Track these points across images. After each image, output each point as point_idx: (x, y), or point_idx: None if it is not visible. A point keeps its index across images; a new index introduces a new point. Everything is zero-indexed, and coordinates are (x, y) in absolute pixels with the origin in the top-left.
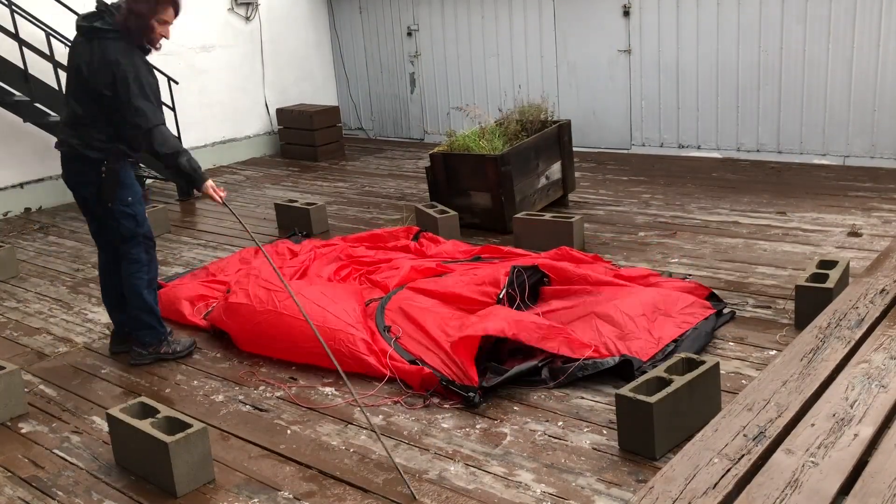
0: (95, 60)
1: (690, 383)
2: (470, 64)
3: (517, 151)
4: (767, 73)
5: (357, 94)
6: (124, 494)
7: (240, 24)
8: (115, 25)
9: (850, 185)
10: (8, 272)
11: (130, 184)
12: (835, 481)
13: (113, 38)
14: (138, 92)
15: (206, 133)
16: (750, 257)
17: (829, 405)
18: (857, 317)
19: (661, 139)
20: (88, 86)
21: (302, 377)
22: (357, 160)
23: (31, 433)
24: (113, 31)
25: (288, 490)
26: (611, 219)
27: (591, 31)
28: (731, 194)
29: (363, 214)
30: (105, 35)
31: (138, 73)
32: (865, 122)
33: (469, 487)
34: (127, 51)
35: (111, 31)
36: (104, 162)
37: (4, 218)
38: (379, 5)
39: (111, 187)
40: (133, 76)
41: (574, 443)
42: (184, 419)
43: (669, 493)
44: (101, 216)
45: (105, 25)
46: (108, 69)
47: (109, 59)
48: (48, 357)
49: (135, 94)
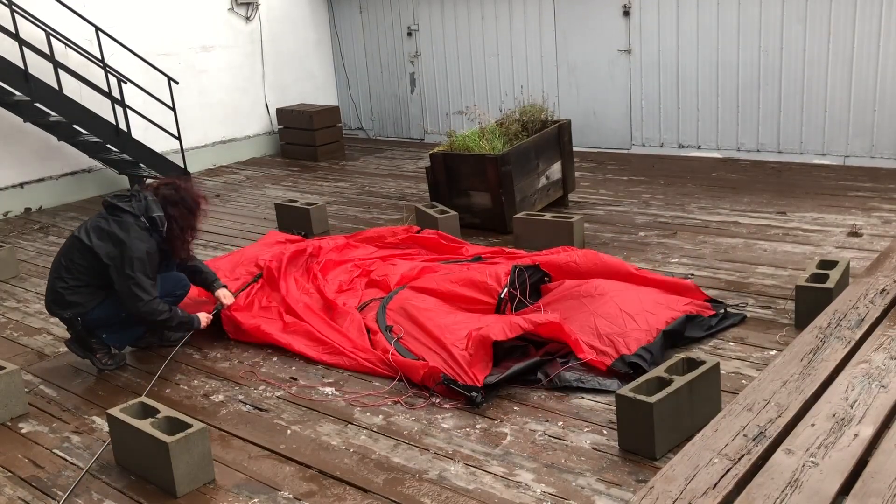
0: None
1: (690, 383)
2: (470, 64)
3: (517, 151)
4: (767, 73)
5: (357, 94)
6: (124, 494)
7: (240, 24)
8: (136, 210)
9: (850, 185)
10: (8, 272)
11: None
12: (835, 481)
13: (131, 219)
14: (140, 269)
15: (206, 133)
16: (750, 257)
17: (829, 405)
18: (857, 317)
19: (661, 139)
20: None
21: (302, 377)
22: (357, 160)
23: (31, 433)
24: (133, 215)
25: (288, 490)
26: (611, 219)
27: (591, 31)
28: (731, 194)
29: (363, 214)
30: (123, 214)
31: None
32: (865, 122)
33: (469, 487)
34: (144, 237)
35: (133, 213)
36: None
37: (4, 218)
38: (379, 5)
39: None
40: (138, 257)
41: (574, 443)
42: (184, 419)
43: (669, 493)
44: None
45: (128, 207)
46: (118, 245)
47: (119, 236)
48: (48, 357)
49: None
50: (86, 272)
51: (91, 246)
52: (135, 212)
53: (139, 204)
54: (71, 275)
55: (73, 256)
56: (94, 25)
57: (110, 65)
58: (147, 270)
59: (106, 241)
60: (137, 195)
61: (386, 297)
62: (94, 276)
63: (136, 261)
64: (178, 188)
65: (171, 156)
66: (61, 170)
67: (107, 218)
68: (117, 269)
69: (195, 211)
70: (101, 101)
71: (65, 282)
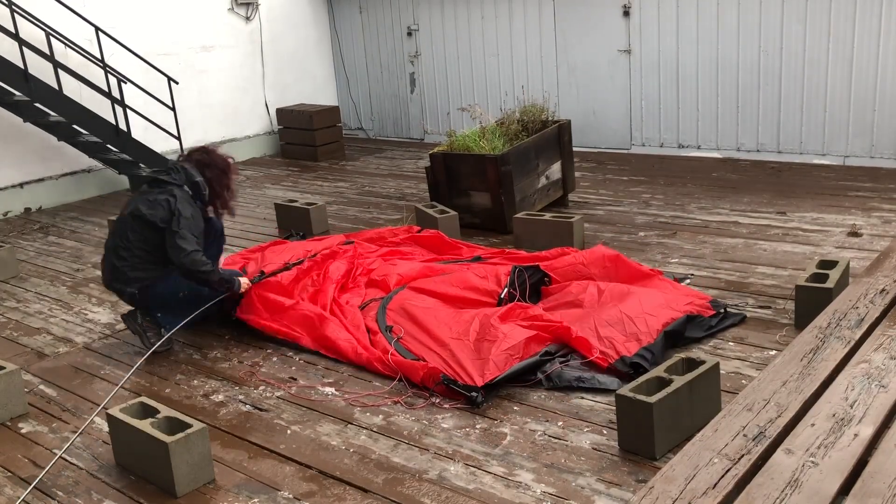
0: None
1: (690, 383)
2: (470, 64)
3: (517, 151)
4: (767, 73)
5: (357, 94)
6: (124, 494)
7: (240, 24)
8: (178, 180)
9: (850, 185)
10: (8, 272)
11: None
12: (835, 481)
13: (177, 189)
14: (185, 226)
15: (206, 133)
16: (750, 257)
17: (829, 405)
18: (857, 317)
19: (661, 139)
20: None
21: (302, 377)
22: (357, 160)
23: (31, 433)
24: (176, 185)
25: (288, 490)
26: (611, 219)
27: (591, 31)
28: (731, 194)
29: (363, 214)
30: (167, 186)
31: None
32: (865, 122)
33: (469, 487)
34: (191, 201)
35: (176, 184)
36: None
37: (4, 218)
38: (379, 5)
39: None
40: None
41: (574, 443)
42: (184, 419)
43: (669, 493)
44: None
45: (171, 179)
46: (168, 209)
47: (169, 201)
48: (48, 357)
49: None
50: (142, 246)
51: (144, 215)
52: (178, 182)
53: (179, 175)
54: (129, 252)
55: (127, 234)
56: (94, 25)
57: (110, 65)
58: (194, 230)
59: (157, 208)
60: (175, 167)
61: (386, 298)
62: (151, 250)
63: (182, 219)
64: (208, 151)
65: (171, 156)
66: (61, 170)
67: (153, 191)
68: (168, 229)
69: (227, 170)
70: (101, 101)
71: (125, 259)
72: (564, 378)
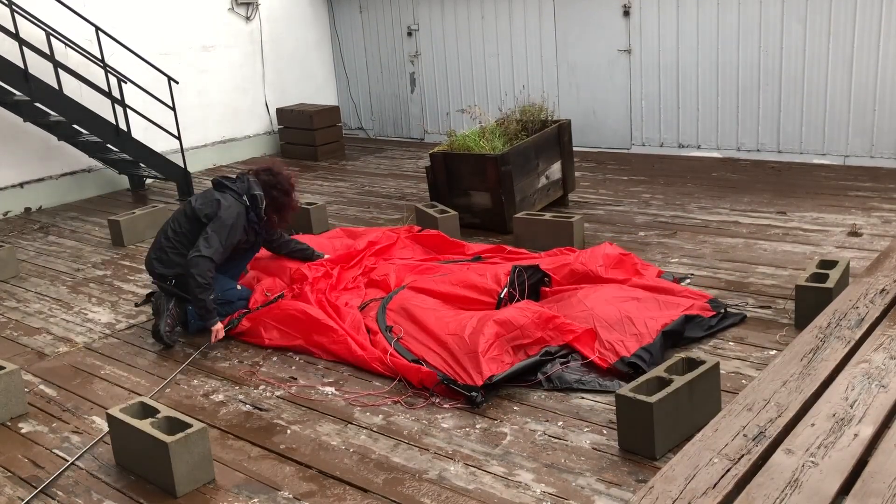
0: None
1: (690, 383)
2: (470, 64)
3: (517, 151)
4: (767, 73)
5: (357, 94)
6: (124, 494)
7: (240, 24)
8: (239, 189)
9: (850, 184)
10: (8, 272)
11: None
12: (835, 481)
13: (234, 195)
14: (218, 231)
15: (206, 133)
16: (750, 257)
17: (829, 405)
18: (857, 317)
19: (661, 139)
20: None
21: (302, 377)
22: (357, 160)
23: (31, 433)
24: (236, 192)
25: (288, 490)
26: (611, 218)
27: (591, 31)
28: (731, 194)
29: (363, 214)
30: (228, 190)
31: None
32: (865, 122)
33: (469, 487)
34: (239, 211)
35: (237, 191)
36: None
37: (4, 218)
38: (379, 5)
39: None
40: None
41: (574, 443)
42: (184, 419)
43: (669, 493)
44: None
45: (233, 185)
46: (214, 209)
47: (220, 201)
48: (48, 357)
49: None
50: (188, 236)
51: (194, 208)
52: (238, 190)
53: (242, 184)
54: (177, 236)
55: (181, 220)
56: (94, 25)
57: (110, 65)
58: (223, 238)
59: (208, 205)
60: (242, 178)
61: (386, 298)
62: (193, 241)
63: (220, 223)
64: (274, 173)
65: (171, 156)
66: (61, 170)
67: (214, 191)
68: (203, 226)
69: (290, 192)
70: (101, 100)
71: (170, 241)
72: (565, 380)
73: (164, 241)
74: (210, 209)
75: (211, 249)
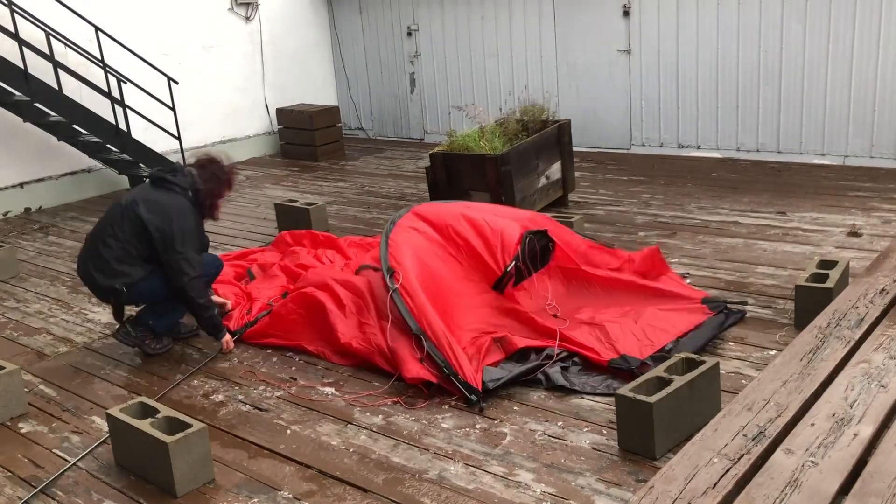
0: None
1: (690, 383)
2: (470, 64)
3: (517, 151)
4: (767, 73)
5: (357, 94)
6: (124, 494)
7: (240, 24)
8: (183, 184)
9: (850, 184)
10: (8, 272)
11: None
12: (834, 481)
13: (179, 192)
14: (189, 245)
15: (206, 133)
16: (750, 257)
17: (828, 405)
18: (857, 317)
19: (661, 139)
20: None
21: (302, 377)
22: (357, 160)
23: (31, 433)
24: (180, 187)
25: (288, 490)
26: (611, 219)
27: (591, 31)
28: (731, 194)
29: (363, 214)
30: (171, 187)
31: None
32: (865, 122)
33: (469, 487)
34: (192, 211)
35: (181, 186)
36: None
37: (4, 218)
38: (379, 5)
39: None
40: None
41: (574, 443)
42: (184, 419)
43: (669, 492)
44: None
45: (175, 180)
46: (167, 219)
47: (169, 210)
48: (48, 357)
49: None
50: (133, 241)
51: (141, 216)
52: (182, 185)
53: (185, 178)
54: (119, 243)
55: (123, 225)
56: (94, 25)
57: (110, 65)
58: (195, 246)
59: (156, 214)
60: (182, 169)
61: (388, 226)
62: (140, 247)
63: (186, 235)
64: (214, 161)
65: (171, 156)
66: (61, 170)
67: (155, 191)
68: (166, 244)
69: (228, 185)
70: (101, 101)
71: (112, 249)
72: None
73: (104, 250)
74: (163, 223)
75: (194, 266)
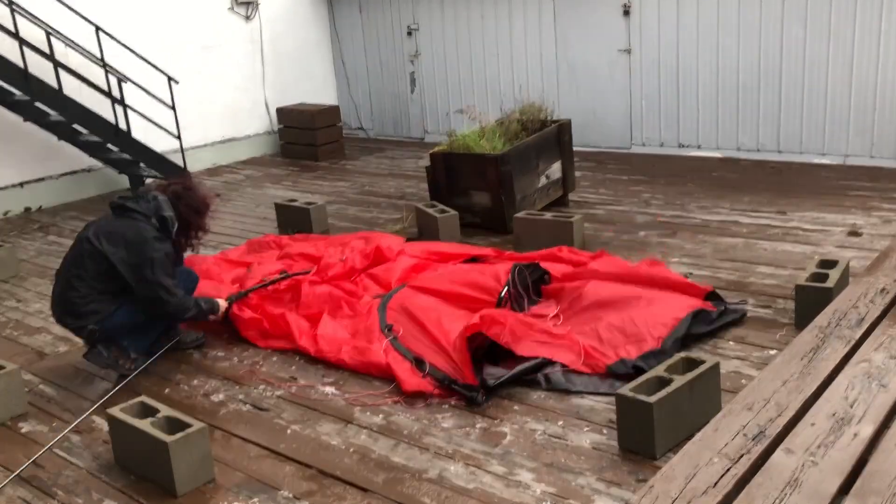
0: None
1: (690, 383)
2: (470, 64)
3: (517, 151)
4: (767, 73)
5: (357, 94)
6: (124, 494)
7: (240, 24)
8: (145, 210)
9: (850, 184)
10: (8, 272)
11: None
12: (835, 481)
13: (142, 220)
14: (161, 271)
15: (206, 133)
16: (750, 257)
17: (829, 405)
18: (858, 316)
19: (662, 139)
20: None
21: (302, 376)
22: (357, 160)
23: (31, 433)
24: (143, 215)
25: (288, 490)
26: (611, 218)
27: (591, 31)
28: (731, 194)
29: (363, 214)
30: (133, 215)
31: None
32: (865, 121)
33: (469, 487)
34: (159, 237)
35: (143, 214)
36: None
37: (4, 217)
38: (379, 5)
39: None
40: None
41: (574, 442)
42: (184, 419)
43: (669, 492)
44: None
45: (138, 208)
46: (132, 250)
47: (133, 240)
48: (48, 357)
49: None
50: (99, 278)
51: (102, 251)
52: (145, 212)
53: (148, 205)
54: (84, 283)
55: (85, 263)
56: (95, 25)
57: (110, 64)
58: (168, 271)
59: (119, 246)
60: (145, 196)
61: (386, 296)
62: (108, 282)
63: (156, 263)
64: (189, 188)
65: (171, 155)
66: (61, 169)
67: (116, 220)
68: (137, 275)
69: (203, 212)
70: (101, 100)
71: (78, 291)
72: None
73: (70, 293)
74: (128, 254)
75: (171, 291)
